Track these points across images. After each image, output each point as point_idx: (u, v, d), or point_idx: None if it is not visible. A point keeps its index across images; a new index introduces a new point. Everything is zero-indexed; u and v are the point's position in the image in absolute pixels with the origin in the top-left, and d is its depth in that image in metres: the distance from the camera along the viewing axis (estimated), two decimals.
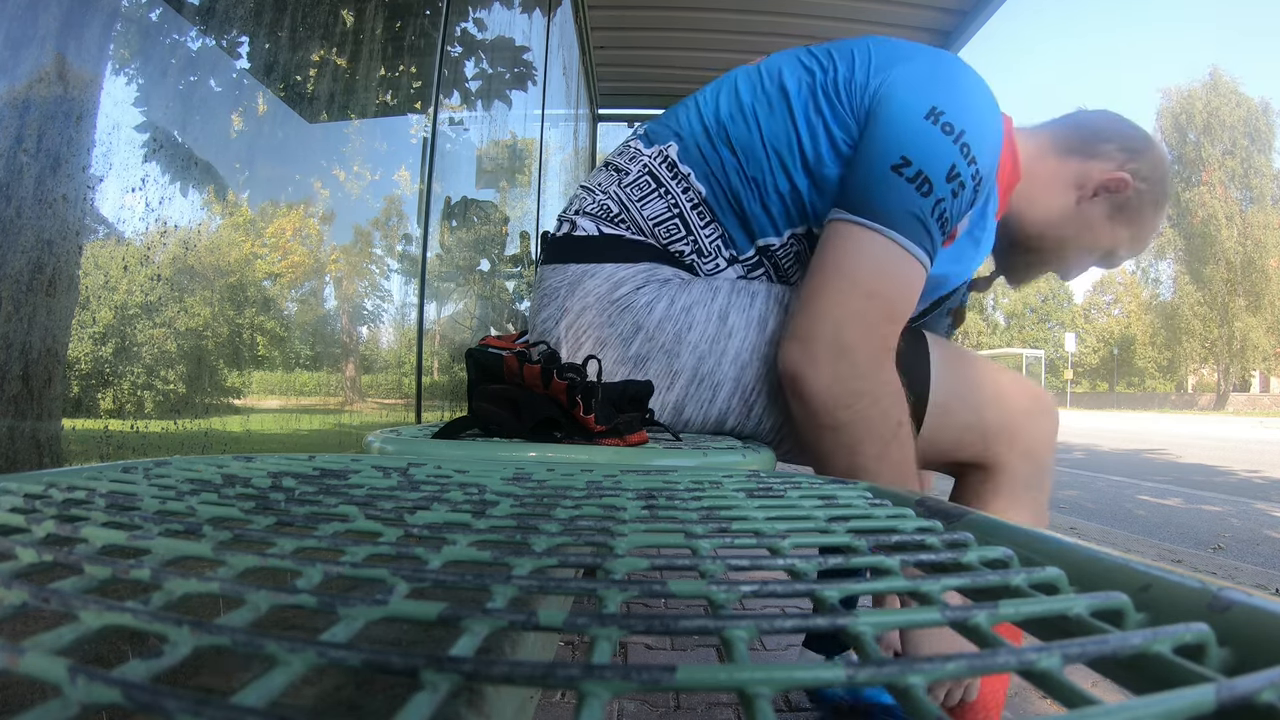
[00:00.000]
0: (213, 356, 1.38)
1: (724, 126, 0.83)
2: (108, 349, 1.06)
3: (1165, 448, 8.32)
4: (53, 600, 0.16)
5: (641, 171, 0.86)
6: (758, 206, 0.83)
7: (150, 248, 1.10)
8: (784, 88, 0.81)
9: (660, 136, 0.87)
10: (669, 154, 0.85)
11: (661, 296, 0.81)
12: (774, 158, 0.81)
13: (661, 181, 0.85)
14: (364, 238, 2.25)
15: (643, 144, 0.88)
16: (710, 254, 0.86)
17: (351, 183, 2.11)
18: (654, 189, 0.85)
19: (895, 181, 0.73)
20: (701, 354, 0.80)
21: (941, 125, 0.73)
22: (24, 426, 0.85)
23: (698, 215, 0.85)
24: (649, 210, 0.85)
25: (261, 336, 1.66)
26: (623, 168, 0.87)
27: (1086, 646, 0.15)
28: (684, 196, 0.84)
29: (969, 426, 0.82)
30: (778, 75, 0.82)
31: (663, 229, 0.85)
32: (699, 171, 0.84)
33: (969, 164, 0.73)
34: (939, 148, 0.73)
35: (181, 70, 1.19)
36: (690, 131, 0.85)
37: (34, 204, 0.84)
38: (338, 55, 1.89)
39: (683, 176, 0.84)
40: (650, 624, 0.16)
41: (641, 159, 0.87)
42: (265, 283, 1.67)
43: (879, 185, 0.73)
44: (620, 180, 0.86)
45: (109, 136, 0.95)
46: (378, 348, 2.43)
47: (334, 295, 2.08)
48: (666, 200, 0.84)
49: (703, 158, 0.84)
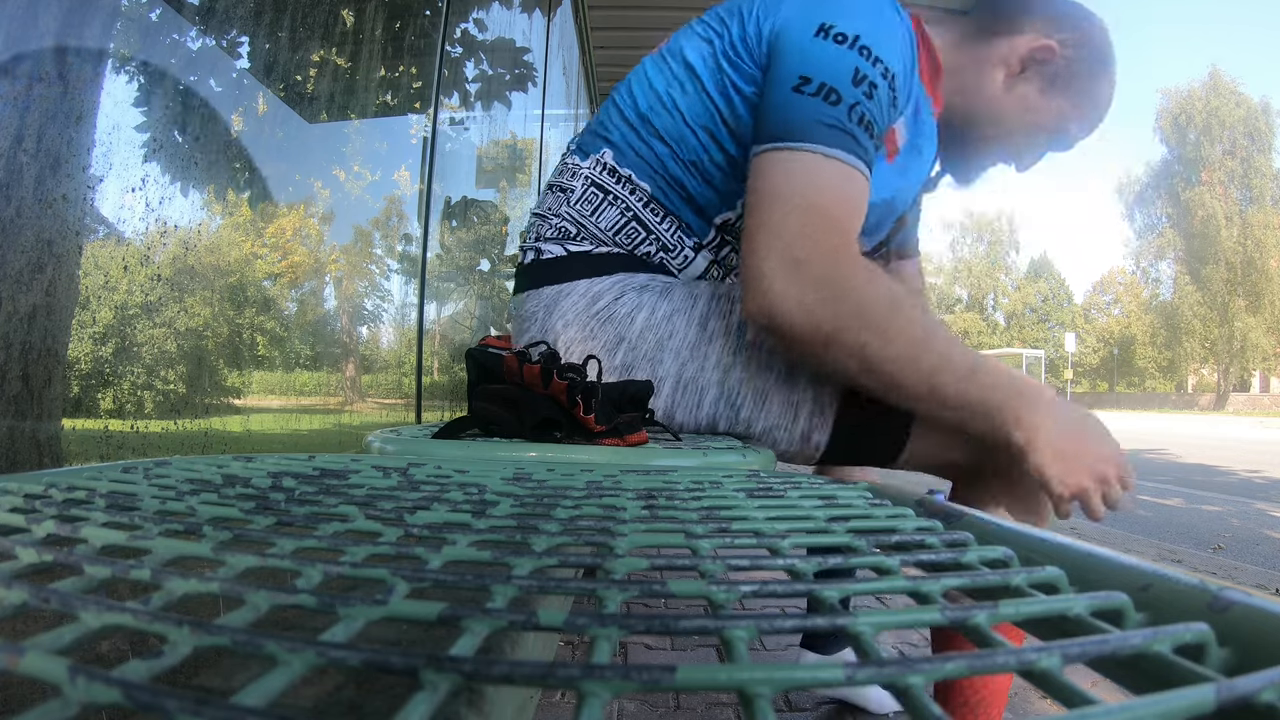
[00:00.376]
0: (213, 356, 1.38)
1: (648, 120, 0.83)
2: (108, 349, 1.06)
3: (1165, 448, 8.32)
4: (53, 600, 0.16)
5: (585, 185, 0.86)
6: (703, 186, 0.83)
7: (150, 248, 1.10)
8: (689, 65, 0.81)
9: (593, 146, 0.87)
10: (606, 161, 0.86)
11: (642, 305, 0.82)
12: (702, 134, 0.81)
13: (607, 189, 0.85)
14: (364, 238, 2.25)
15: (579, 158, 0.88)
16: (675, 247, 0.86)
17: (351, 183, 2.11)
18: (602, 199, 0.85)
19: (798, 100, 0.71)
20: (684, 360, 0.80)
21: (834, 37, 0.72)
22: (24, 426, 0.85)
23: (651, 213, 0.85)
24: (604, 221, 0.85)
25: (261, 336, 1.66)
26: (567, 186, 0.88)
27: (1086, 646, 0.15)
28: (633, 199, 0.84)
29: None
30: (680, 54, 0.83)
31: (623, 235, 0.85)
32: (639, 170, 0.84)
33: (873, 64, 0.72)
34: (835, 58, 0.71)
35: (181, 70, 1.19)
36: (620, 134, 0.85)
37: (34, 204, 0.84)
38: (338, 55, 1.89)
39: (625, 179, 0.85)
40: (650, 624, 0.16)
41: (582, 173, 0.87)
42: (265, 283, 1.67)
43: (784, 109, 0.72)
44: (568, 199, 0.87)
45: (109, 136, 0.95)
46: (378, 348, 2.43)
47: (334, 295, 2.08)
48: (618, 206, 0.85)
49: (639, 156, 0.84)
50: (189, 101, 1.22)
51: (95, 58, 0.94)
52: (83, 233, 0.94)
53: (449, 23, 2.46)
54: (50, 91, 0.86)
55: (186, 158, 1.19)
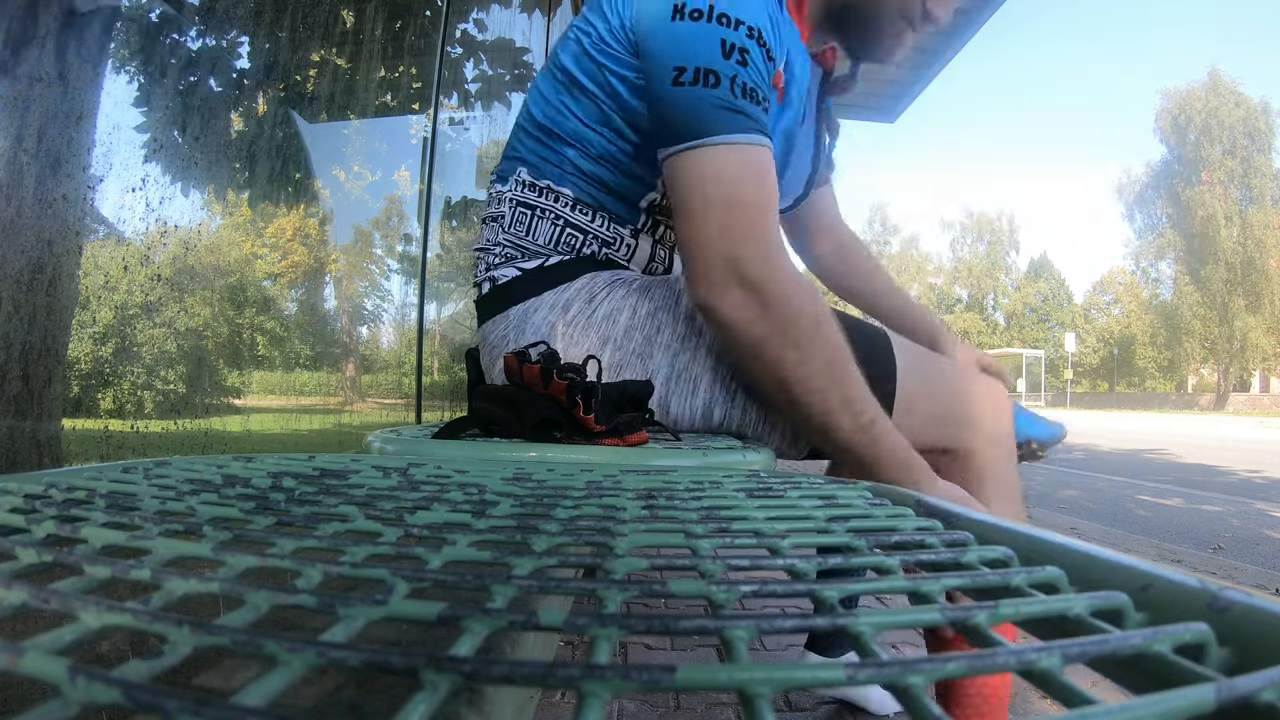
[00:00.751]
0: (213, 356, 1.38)
1: (548, 129, 0.85)
2: (108, 349, 1.06)
3: (1165, 448, 8.32)
4: (53, 600, 0.16)
5: (512, 208, 0.87)
6: (619, 176, 0.84)
7: (150, 248, 1.10)
8: (565, 69, 0.83)
9: (509, 169, 0.89)
10: (524, 179, 0.87)
11: (623, 307, 0.82)
12: (602, 130, 0.82)
13: (532, 205, 0.86)
14: (364, 238, 2.25)
15: (500, 185, 0.90)
16: (614, 240, 0.87)
17: (351, 183, 2.11)
18: (531, 215, 0.86)
19: (682, 94, 0.72)
20: (675, 351, 0.81)
21: (689, 15, 0.72)
22: (24, 426, 0.85)
23: (580, 214, 0.85)
24: (540, 236, 0.86)
25: (261, 336, 1.66)
26: (497, 215, 0.89)
27: (1086, 646, 0.15)
28: (558, 205, 0.85)
29: (934, 417, 0.85)
30: (558, 61, 0.85)
31: (562, 244, 0.86)
32: (556, 178, 0.85)
33: (736, 29, 0.72)
34: (698, 37, 0.72)
35: (182, 70, 1.19)
36: (528, 150, 0.87)
37: (34, 204, 0.84)
38: (338, 56, 1.89)
39: (545, 190, 0.86)
40: (650, 624, 0.16)
41: (506, 198, 0.88)
42: (265, 283, 1.67)
43: (673, 107, 0.73)
44: (502, 226, 0.88)
45: (109, 136, 0.95)
46: (378, 348, 2.43)
47: (334, 295, 2.08)
48: (547, 218, 0.86)
49: (552, 164, 0.85)
50: (189, 101, 1.22)
51: (95, 58, 0.94)
52: (83, 233, 0.94)
53: (449, 23, 2.46)
54: (50, 91, 0.86)
55: (186, 158, 1.19)
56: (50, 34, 0.86)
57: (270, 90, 1.50)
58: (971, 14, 3.20)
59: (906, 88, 3.85)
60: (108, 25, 0.99)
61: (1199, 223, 33.13)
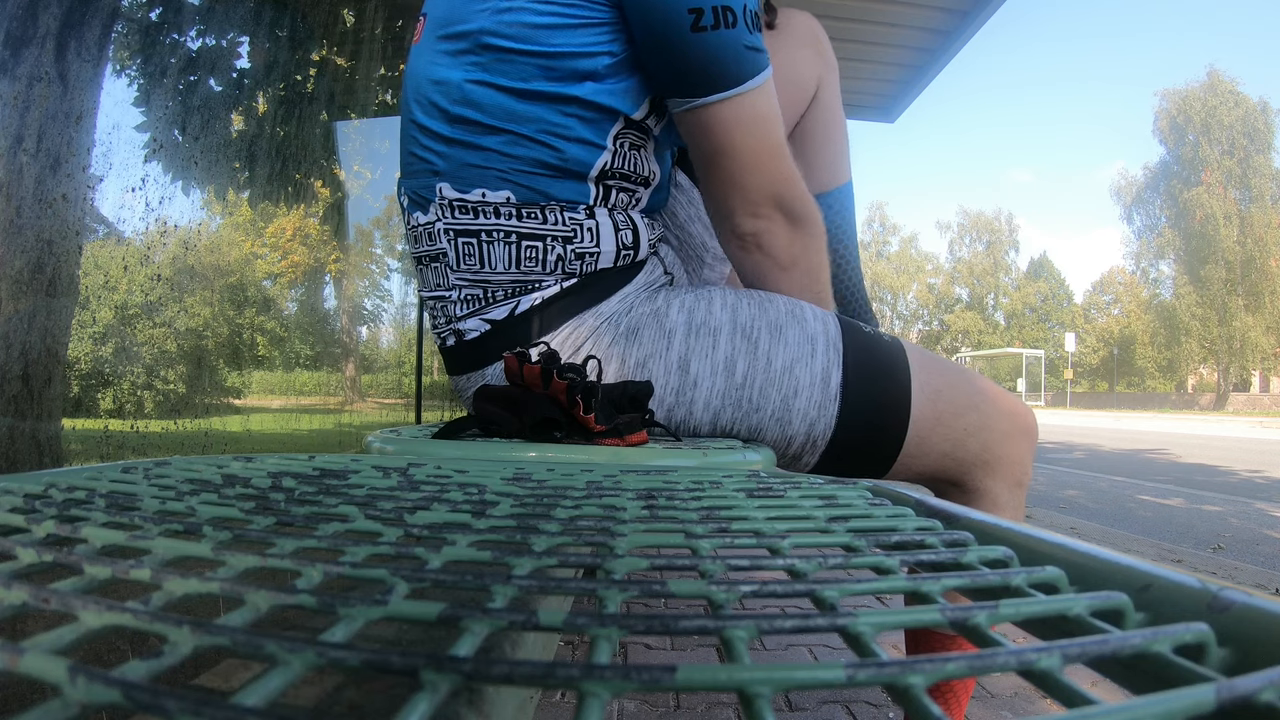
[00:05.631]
0: (213, 356, 1.38)
1: (462, 119, 0.73)
2: (108, 349, 1.06)
3: (1165, 448, 8.32)
4: (53, 600, 0.16)
5: (451, 241, 0.75)
6: (567, 147, 0.73)
7: (150, 247, 1.10)
8: (476, 32, 0.71)
9: (424, 190, 0.76)
10: (447, 196, 0.74)
11: (610, 358, 0.75)
12: (537, 93, 0.71)
13: (474, 231, 0.74)
14: (364, 237, 2.25)
15: (420, 215, 0.77)
16: (574, 234, 0.76)
17: (352, 182, 2.11)
18: (476, 242, 0.74)
19: (705, 40, 0.69)
20: (670, 407, 0.76)
21: None
22: (24, 426, 0.85)
23: (529, 218, 0.74)
24: (499, 263, 0.74)
25: (261, 336, 1.66)
26: (436, 253, 0.77)
27: (1086, 646, 0.15)
28: (503, 221, 0.74)
29: (946, 457, 0.80)
30: (461, 29, 0.72)
31: (525, 265, 0.75)
32: (488, 181, 0.73)
33: None
34: None
35: (182, 70, 1.19)
36: (442, 157, 0.74)
37: (34, 204, 0.84)
38: (338, 55, 1.89)
39: (479, 205, 0.74)
40: (650, 624, 0.16)
41: (438, 228, 0.76)
42: (265, 283, 1.67)
43: (698, 54, 0.70)
44: (454, 267, 0.76)
45: (109, 136, 0.95)
46: (378, 348, 2.43)
47: (334, 295, 2.08)
48: (496, 240, 0.74)
49: (477, 167, 0.73)
50: (189, 101, 1.22)
51: (95, 58, 0.94)
52: (83, 233, 0.94)
53: None
54: (50, 91, 0.86)
55: (186, 157, 1.19)
56: (50, 34, 0.86)
57: (270, 90, 1.50)
58: (971, 14, 3.20)
59: (906, 88, 3.85)
60: (108, 25, 0.99)
61: (1198, 223, 33.12)
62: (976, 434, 0.79)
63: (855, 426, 0.76)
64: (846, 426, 0.76)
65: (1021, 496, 0.84)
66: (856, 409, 0.75)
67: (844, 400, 0.75)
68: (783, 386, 0.75)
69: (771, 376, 0.75)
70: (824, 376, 0.75)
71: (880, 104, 4.05)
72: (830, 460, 0.79)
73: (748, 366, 0.75)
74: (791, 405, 0.75)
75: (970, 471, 0.81)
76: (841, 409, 0.75)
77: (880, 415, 0.76)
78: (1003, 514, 0.82)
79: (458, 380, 0.81)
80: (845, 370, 0.75)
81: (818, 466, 0.80)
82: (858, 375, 0.76)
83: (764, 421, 0.76)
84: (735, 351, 0.76)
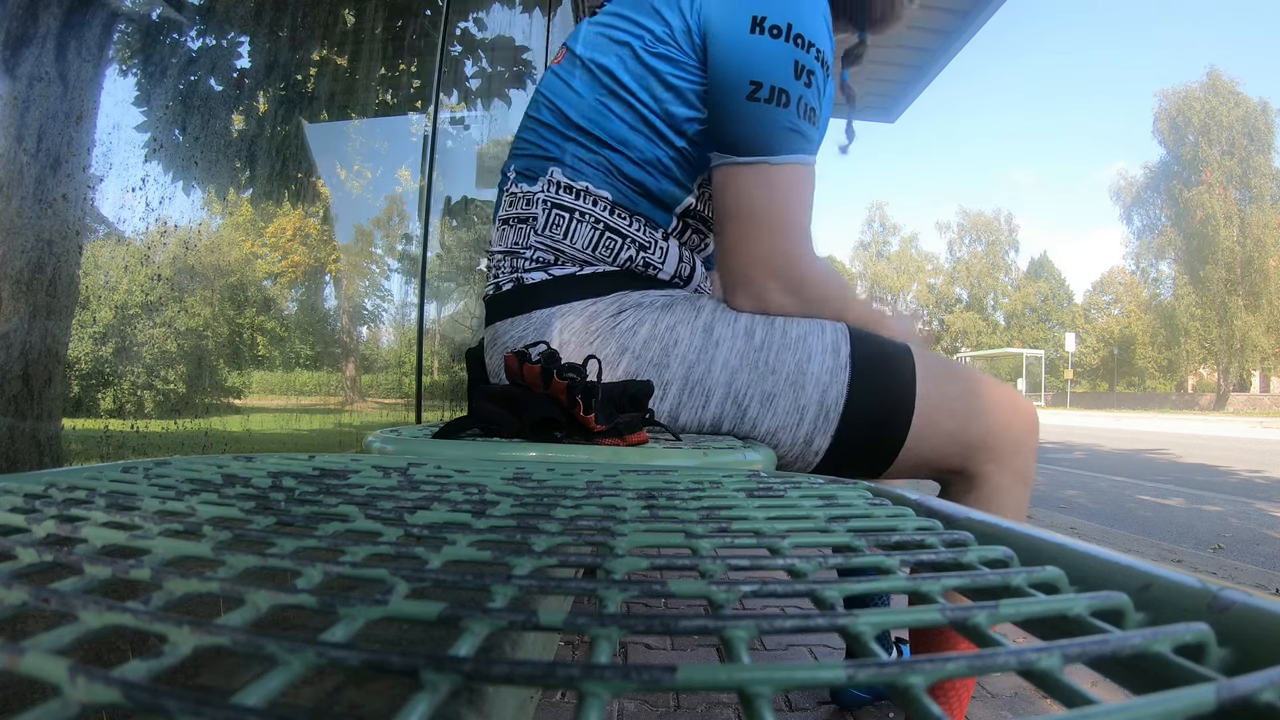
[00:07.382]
0: (213, 356, 1.38)
1: (587, 130, 0.84)
2: (108, 349, 1.06)
3: (1165, 448, 8.32)
4: (53, 600, 0.16)
5: (547, 210, 0.85)
6: (661, 180, 0.84)
7: (150, 247, 1.10)
8: (609, 70, 0.83)
9: (539, 169, 0.87)
10: (558, 179, 0.85)
11: (644, 320, 0.82)
12: (647, 132, 0.83)
13: (570, 208, 0.84)
14: (364, 237, 2.25)
15: (527, 184, 0.87)
16: (650, 244, 0.86)
17: (352, 181, 2.11)
18: (569, 219, 0.84)
19: (756, 110, 0.76)
20: (690, 363, 0.81)
21: (769, 31, 0.75)
22: (24, 426, 0.85)
23: (619, 218, 0.84)
24: (579, 240, 0.84)
25: (261, 336, 1.66)
26: (527, 216, 0.87)
27: (1086, 646, 0.15)
28: (597, 209, 0.84)
29: (952, 439, 0.82)
30: (598, 60, 0.84)
31: (601, 249, 0.85)
32: (595, 180, 0.84)
33: (809, 52, 0.76)
34: (777, 55, 0.75)
35: (182, 70, 1.19)
36: (562, 150, 0.85)
37: (34, 204, 0.84)
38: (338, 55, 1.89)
39: (583, 192, 0.84)
40: (650, 624, 0.16)
41: (539, 199, 0.86)
42: (265, 282, 1.67)
43: (745, 120, 0.77)
44: (534, 228, 0.86)
45: (109, 136, 0.95)
46: (378, 348, 2.43)
47: (334, 295, 2.08)
48: (586, 222, 0.84)
49: (590, 166, 0.84)
50: (189, 101, 1.22)
51: (95, 58, 0.94)
52: (83, 233, 0.94)
53: (449, 21, 2.46)
54: (50, 91, 0.86)
55: (186, 157, 1.19)
56: (50, 34, 0.86)
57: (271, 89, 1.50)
58: (971, 15, 3.20)
59: (906, 88, 3.85)
60: (108, 25, 0.99)
61: (1198, 222, 33.11)
62: (978, 417, 0.83)
63: (867, 393, 0.79)
64: (858, 395, 0.79)
65: (1025, 495, 0.85)
66: (866, 375, 0.80)
67: (854, 368, 0.80)
68: (797, 351, 0.81)
69: (788, 342, 0.81)
70: (834, 346, 0.81)
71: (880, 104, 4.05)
72: (846, 437, 0.80)
73: (765, 333, 0.82)
74: (805, 369, 0.80)
75: (973, 455, 0.83)
76: (852, 377, 0.79)
77: (889, 387, 0.80)
78: (1005, 505, 0.83)
79: (500, 329, 0.88)
80: (853, 343, 0.81)
81: (835, 446, 0.81)
82: (863, 351, 0.81)
83: (779, 386, 0.80)
84: (754, 322, 0.83)
